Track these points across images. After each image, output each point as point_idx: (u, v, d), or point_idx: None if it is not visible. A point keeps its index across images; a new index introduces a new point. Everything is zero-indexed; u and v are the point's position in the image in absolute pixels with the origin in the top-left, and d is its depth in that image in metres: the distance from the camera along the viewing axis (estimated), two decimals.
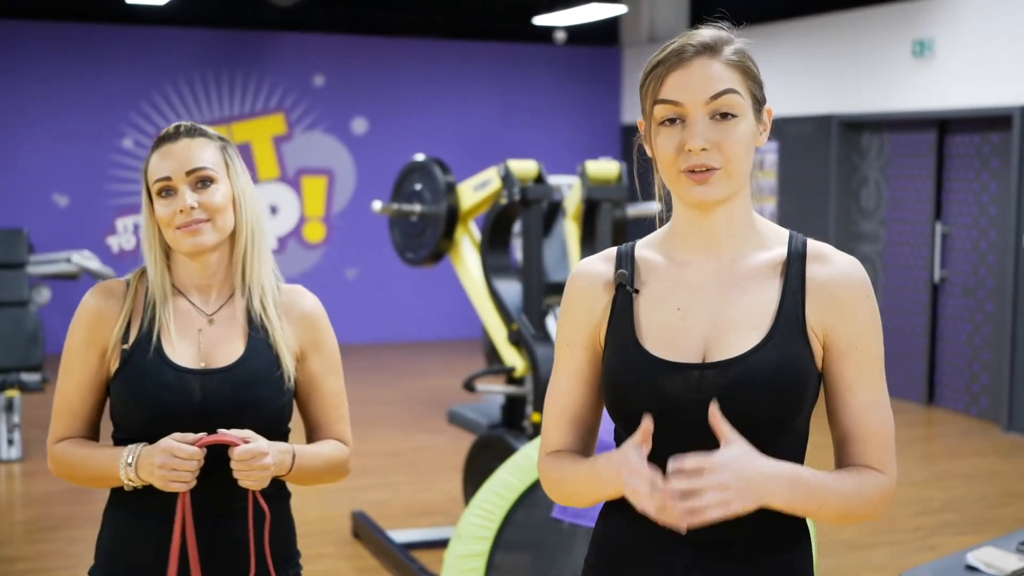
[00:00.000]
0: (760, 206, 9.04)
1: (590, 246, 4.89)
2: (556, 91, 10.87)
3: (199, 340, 1.97)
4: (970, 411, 7.70)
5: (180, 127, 1.98)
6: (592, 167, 4.93)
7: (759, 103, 1.59)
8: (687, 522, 1.43)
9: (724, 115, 1.54)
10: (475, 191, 4.97)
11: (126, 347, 1.94)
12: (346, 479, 5.82)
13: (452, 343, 10.43)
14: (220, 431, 1.86)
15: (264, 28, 9.97)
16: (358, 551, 4.93)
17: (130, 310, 1.97)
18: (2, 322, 6.52)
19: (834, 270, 1.61)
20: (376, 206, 5.22)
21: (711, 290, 1.61)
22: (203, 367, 1.94)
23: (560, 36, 9.87)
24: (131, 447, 1.89)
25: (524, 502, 3.65)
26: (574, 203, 5.09)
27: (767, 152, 9.12)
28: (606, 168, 4.96)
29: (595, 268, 1.68)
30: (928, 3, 7.72)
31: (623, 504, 1.57)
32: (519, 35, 10.54)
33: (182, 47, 9.76)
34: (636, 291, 1.63)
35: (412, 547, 4.78)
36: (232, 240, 2.00)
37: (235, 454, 1.84)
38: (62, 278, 7.09)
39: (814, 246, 1.63)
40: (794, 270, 1.60)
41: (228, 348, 1.97)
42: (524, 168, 4.84)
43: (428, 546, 4.83)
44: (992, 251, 7.50)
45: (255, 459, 1.85)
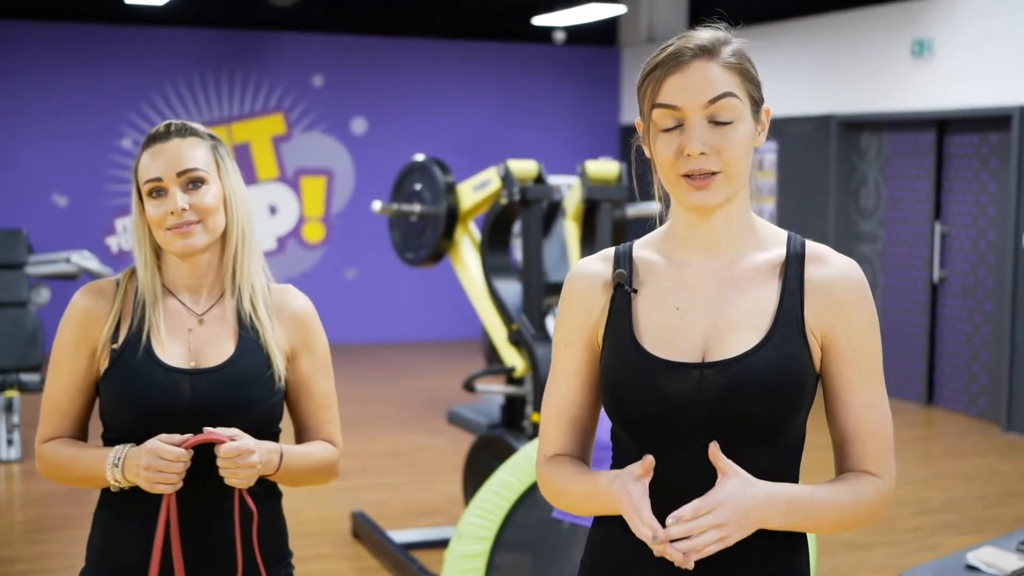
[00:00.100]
0: (759, 206, 9.05)
1: (590, 246, 4.90)
2: (555, 91, 10.87)
3: (189, 340, 1.96)
4: (969, 411, 7.70)
5: (171, 126, 1.96)
6: (592, 167, 4.93)
7: (757, 104, 1.59)
8: (688, 562, 1.46)
9: (722, 119, 1.54)
10: (475, 191, 4.97)
11: (115, 347, 1.93)
12: (346, 479, 5.88)
13: (452, 343, 10.43)
14: (206, 429, 1.85)
15: (263, 28, 9.97)
16: (358, 551, 4.93)
17: (120, 310, 1.96)
18: (1, 322, 6.51)
19: (832, 271, 1.61)
20: (376, 206, 5.22)
21: (710, 290, 1.61)
22: (193, 367, 1.93)
23: (559, 36, 9.88)
24: (118, 448, 1.88)
25: (524, 502, 3.65)
26: (574, 203, 5.09)
27: (766, 152, 9.12)
28: (606, 168, 4.96)
29: (593, 268, 1.68)
30: (927, 3, 7.72)
31: None
32: (518, 35, 10.55)
33: (181, 47, 9.76)
34: (635, 291, 1.63)
35: (412, 547, 4.78)
36: (223, 240, 1.99)
37: (221, 451, 1.83)
38: (61, 278, 7.08)
39: (812, 247, 1.64)
40: (793, 271, 1.61)
41: (218, 348, 1.96)
42: (524, 168, 4.84)
43: (428, 546, 4.83)
44: (991, 251, 7.51)
45: (241, 457, 1.84)
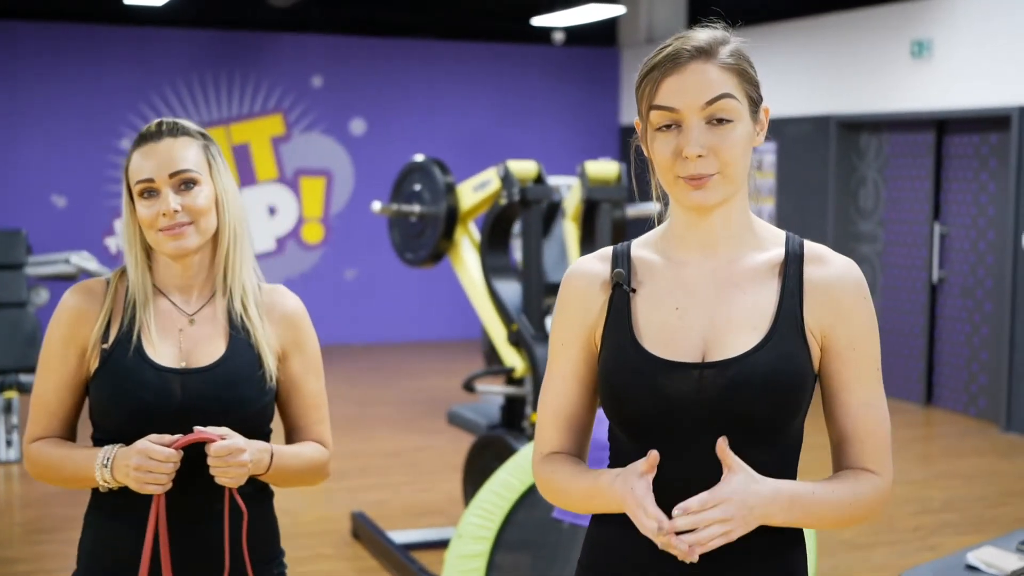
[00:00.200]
0: (758, 207, 9.05)
1: (589, 246, 4.90)
2: (554, 92, 10.87)
3: (180, 340, 1.95)
4: (968, 411, 7.71)
5: (162, 125, 1.94)
6: (592, 167, 4.93)
7: (756, 104, 1.59)
8: (692, 555, 1.47)
9: (720, 120, 1.53)
10: (474, 191, 4.97)
11: (106, 346, 1.92)
12: (345, 480, 5.88)
13: (451, 344, 10.43)
14: (197, 428, 1.84)
15: (262, 29, 9.97)
16: (358, 552, 4.93)
17: (110, 309, 1.94)
18: (0, 323, 6.51)
19: (832, 271, 1.61)
20: (376, 207, 5.22)
21: (709, 290, 1.61)
22: (184, 367, 1.92)
23: (558, 37, 9.88)
24: (107, 448, 1.87)
25: (524, 502, 3.65)
26: (573, 203, 5.09)
27: (765, 153, 9.12)
28: (605, 168, 4.96)
29: (591, 267, 1.67)
30: (926, 4, 7.73)
31: None
32: (518, 36, 10.55)
33: (180, 48, 9.76)
34: (633, 290, 1.63)
35: (412, 548, 4.78)
36: (214, 241, 1.98)
37: (211, 450, 1.82)
38: (60, 279, 7.08)
39: (811, 247, 1.63)
40: (792, 271, 1.60)
41: (209, 348, 1.95)
42: (524, 168, 4.84)
43: (428, 546, 4.83)
44: (990, 251, 7.51)
45: (232, 455, 1.83)
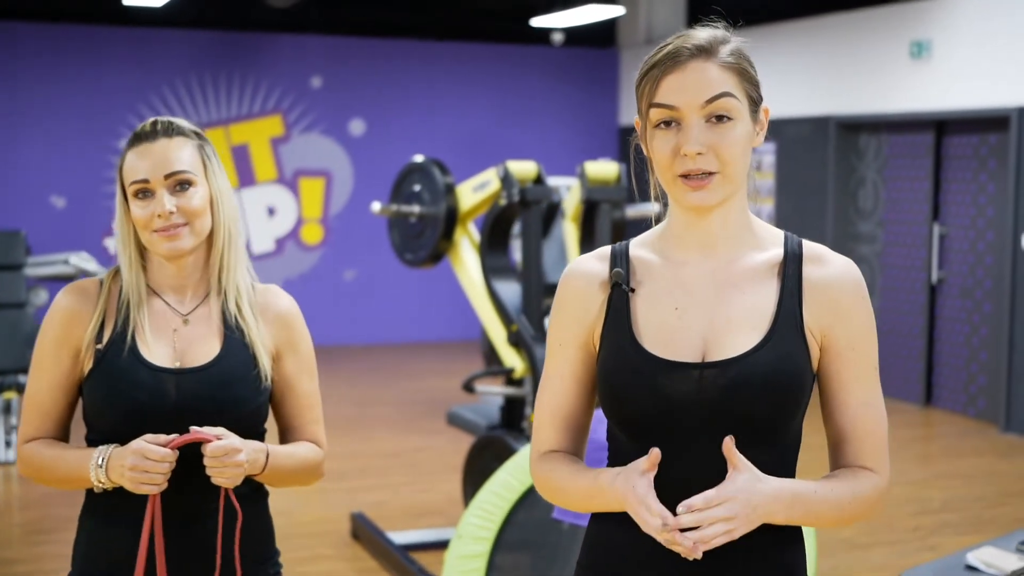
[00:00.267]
0: (758, 207, 9.05)
1: (589, 247, 4.90)
2: (554, 92, 10.87)
3: (174, 340, 1.94)
4: (968, 412, 7.71)
5: (157, 124, 1.93)
6: (591, 168, 4.93)
7: (755, 103, 1.58)
8: (696, 552, 1.47)
9: (720, 118, 1.53)
10: (474, 192, 4.97)
11: (100, 347, 1.91)
12: (345, 480, 5.88)
13: (451, 344, 10.43)
14: (193, 428, 1.84)
15: (261, 30, 9.97)
16: (357, 552, 4.93)
17: (104, 310, 1.94)
18: None
19: (831, 271, 1.61)
20: (375, 207, 5.22)
21: (708, 290, 1.60)
22: (178, 367, 1.92)
23: (558, 38, 9.88)
24: (101, 448, 1.87)
25: (524, 503, 3.65)
26: (573, 204, 5.10)
27: (765, 153, 9.12)
28: (605, 169, 4.96)
29: (589, 267, 1.66)
30: (926, 4, 7.73)
31: None
32: (517, 36, 10.55)
33: (179, 49, 9.76)
34: (632, 290, 1.62)
35: (411, 548, 4.78)
36: (209, 241, 1.97)
37: (208, 450, 1.82)
38: (59, 280, 7.08)
39: (810, 247, 1.63)
40: (791, 271, 1.60)
41: (203, 348, 1.94)
42: (523, 169, 4.84)
43: (427, 547, 4.82)
44: (989, 252, 7.51)
45: (228, 456, 1.82)
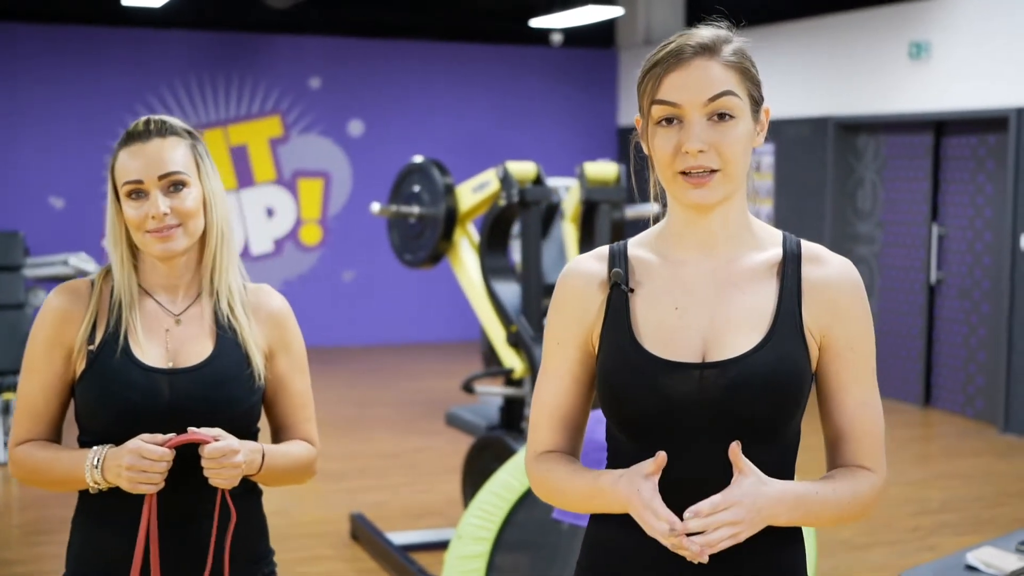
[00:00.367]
0: (756, 208, 9.04)
1: (588, 247, 4.90)
2: (552, 93, 10.87)
3: (167, 340, 1.94)
4: (966, 412, 7.71)
5: (150, 123, 1.92)
6: (590, 169, 4.94)
7: (757, 103, 1.59)
8: (703, 556, 1.47)
9: (722, 116, 1.53)
10: (474, 193, 4.97)
11: (92, 348, 1.90)
12: (344, 481, 5.88)
13: (450, 345, 10.43)
14: (190, 429, 1.83)
15: (260, 30, 9.97)
16: (357, 553, 4.93)
17: (95, 310, 1.93)
18: None
19: (830, 271, 1.61)
20: (375, 208, 5.22)
21: (708, 290, 1.60)
22: (171, 367, 1.91)
23: (557, 38, 9.89)
24: (97, 448, 1.86)
25: (524, 503, 3.66)
26: (572, 205, 5.10)
27: (763, 154, 9.12)
28: (604, 170, 4.97)
29: (588, 267, 1.66)
30: (924, 5, 7.73)
31: None
32: (516, 37, 10.55)
33: (178, 49, 9.76)
34: (631, 290, 1.62)
35: (411, 549, 4.78)
36: (202, 241, 1.96)
37: (206, 452, 1.81)
38: (58, 280, 7.07)
39: (808, 247, 1.64)
40: (790, 271, 1.60)
41: (196, 347, 1.94)
42: (523, 170, 4.84)
43: (427, 548, 4.82)
44: (988, 253, 7.52)
45: (226, 457, 1.82)
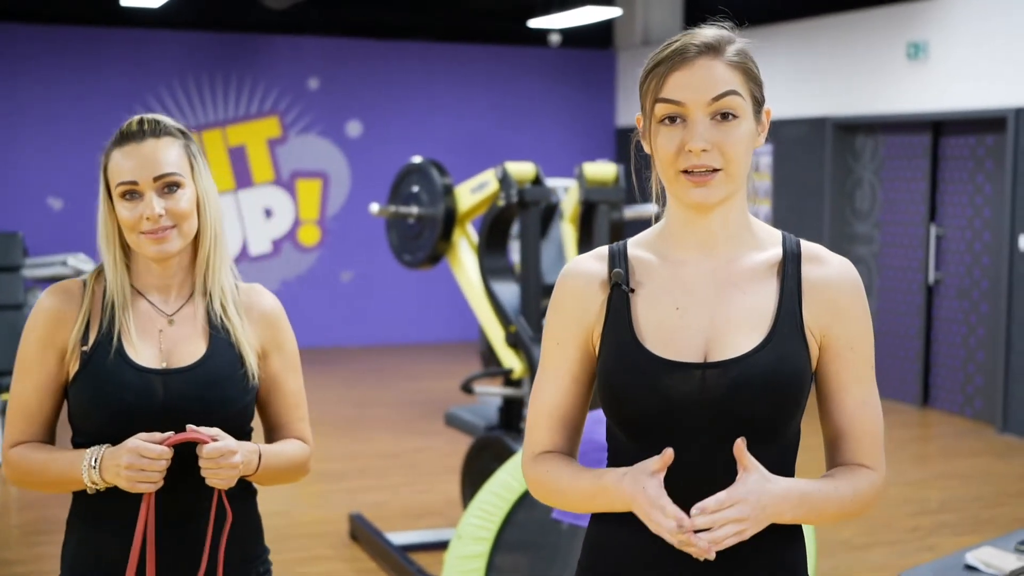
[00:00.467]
0: (755, 208, 9.04)
1: (587, 248, 4.90)
2: (551, 94, 10.88)
3: (160, 340, 1.93)
4: (965, 412, 7.72)
5: (144, 123, 1.91)
6: (589, 169, 4.94)
7: (759, 104, 1.59)
8: (710, 553, 1.47)
9: (725, 116, 1.54)
10: (472, 193, 4.97)
11: (86, 349, 1.89)
12: (344, 481, 5.88)
13: (449, 345, 10.43)
14: (189, 427, 1.83)
15: (258, 31, 9.97)
16: (356, 553, 4.93)
17: (88, 311, 1.92)
18: None
19: (830, 271, 1.62)
20: (374, 208, 5.22)
21: (708, 290, 1.61)
22: (165, 367, 1.91)
23: (555, 39, 9.89)
24: (93, 448, 1.85)
25: (524, 503, 3.66)
26: (571, 205, 5.10)
27: (762, 154, 9.13)
28: (603, 170, 4.97)
29: (588, 267, 1.66)
30: (922, 5, 7.74)
31: None
32: (514, 38, 10.55)
33: (177, 50, 9.76)
34: (632, 290, 1.62)
35: (410, 549, 4.78)
36: (195, 242, 1.96)
37: (204, 452, 1.81)
38: (57, 281, 7.06)
39: (808, 247, 1.64)
40: (790, 271, 1.61)
41: (190, 348, 1.93)
42: (521, 170, 4.84)
43: (426, 548, 4.83)
44: (986, 253, 7.52)
45: (224, 457, 1.82)
